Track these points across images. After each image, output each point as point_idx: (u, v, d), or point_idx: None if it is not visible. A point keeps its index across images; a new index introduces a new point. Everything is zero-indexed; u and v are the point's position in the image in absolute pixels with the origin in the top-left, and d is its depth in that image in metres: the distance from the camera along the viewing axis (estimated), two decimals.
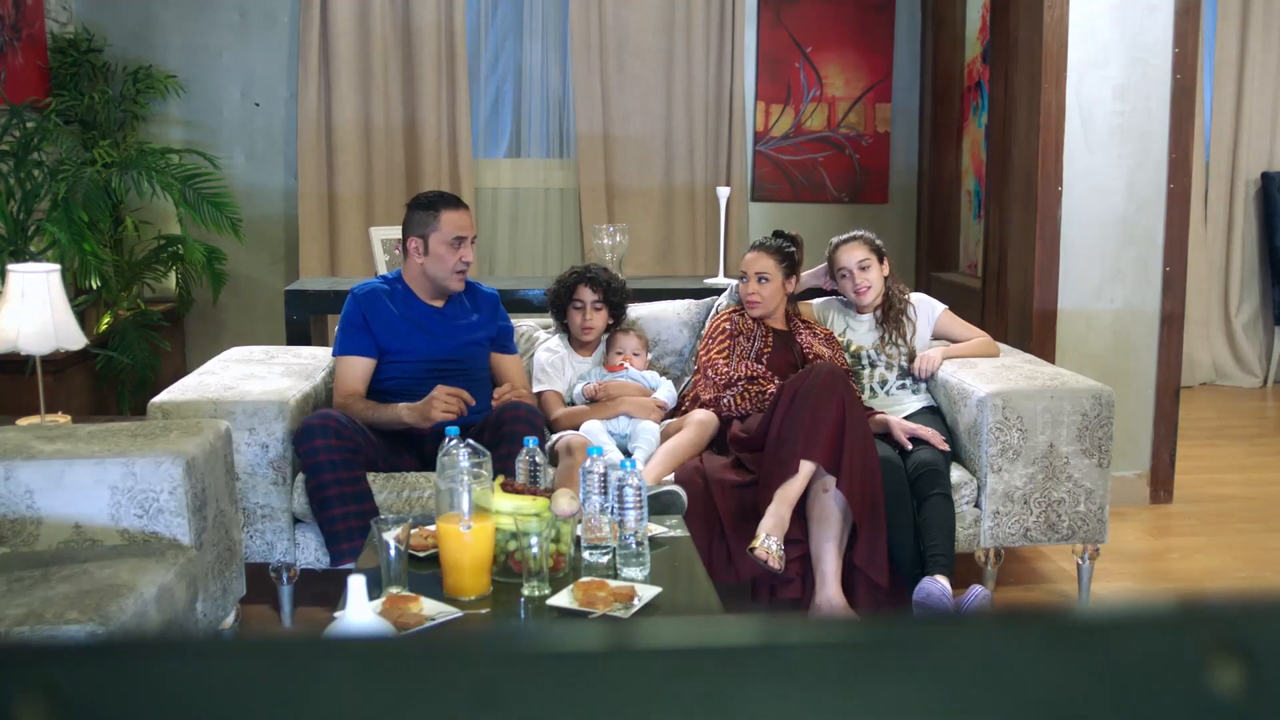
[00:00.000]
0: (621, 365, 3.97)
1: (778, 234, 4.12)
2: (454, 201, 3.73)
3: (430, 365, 3.67)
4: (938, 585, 3.36)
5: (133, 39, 6.15)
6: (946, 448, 3.68)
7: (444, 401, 3.46)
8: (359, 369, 3.66)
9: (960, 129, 6.34)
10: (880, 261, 4.08)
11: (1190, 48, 4.66)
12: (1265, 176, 7.09)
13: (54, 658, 0.54)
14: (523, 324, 4.25)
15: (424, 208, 3.70)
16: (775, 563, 3.32)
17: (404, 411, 3.52)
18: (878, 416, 3.75)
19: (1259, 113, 7.08)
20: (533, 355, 4.11)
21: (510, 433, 3.40)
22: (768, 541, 3.33)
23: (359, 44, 6.17)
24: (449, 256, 3.66)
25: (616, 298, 4.06)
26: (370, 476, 3.48)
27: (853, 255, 4.07)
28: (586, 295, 4.01)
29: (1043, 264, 4.68)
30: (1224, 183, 7.11)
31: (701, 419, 3.76)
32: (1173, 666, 0.56)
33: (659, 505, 3.42)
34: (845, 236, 4.14)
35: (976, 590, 3.48)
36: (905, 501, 3.54)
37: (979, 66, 5.96)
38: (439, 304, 3.76)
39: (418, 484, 3.53)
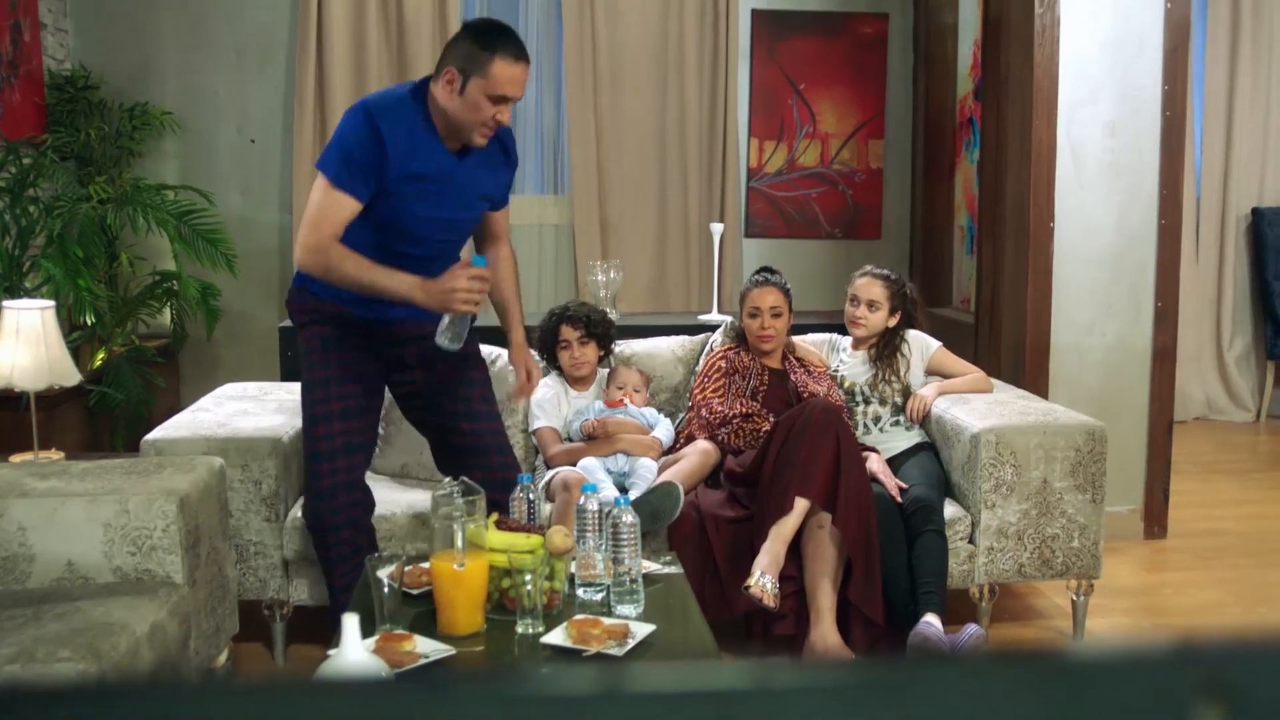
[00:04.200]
0: (621, 401, 3.98)
1: (768, 269, 4.14)
2: (517, 49, 3.00)
3: (427, 220, 3.13)
4: (932, 628, 3.36)
5: (129, 76, 6.18)
6: (899, 499, 3.65)
7: (467, 290, 2.98)
8: (347, 212, 3.01)
9: (952, 165, 6.38)
10: (892, 313, 4.08)
11: (1179, 85, 4.70)
12: (1255, 212, 7.13)
13: (49, 701, 0.54)
14: None
15: (480, 44, 2.97)
16: (770, 600, 3.32)
17: (416, 292, 2.99)
18: (870, 465, 3.72)
19: (1249, 149, 7.13)
20: None
21: (503, 479, 3.26)
22: (763, 579, 3.33)
23: (354, 81, 6.20)
24: (484, 110, 2.99)
25: (599, 329, 4.08)
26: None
27: (867, 291, 4.08)
28: (570, 333, 4.05)
29: (1035, 299, 4.70)
30: (1215, 218, 7.15)
31: (704, 448, 3.78)
32: (1161, 707, 0.57)
33: (650, 508, 3.41)
34: (879, 270, 4.15)
35: (971, 629, 3.48)
36: (899, 538, 3.54)
37: (971, 103, 6.00)
38: (453, 146, 3.12)
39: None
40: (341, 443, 3.20)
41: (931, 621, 3.38)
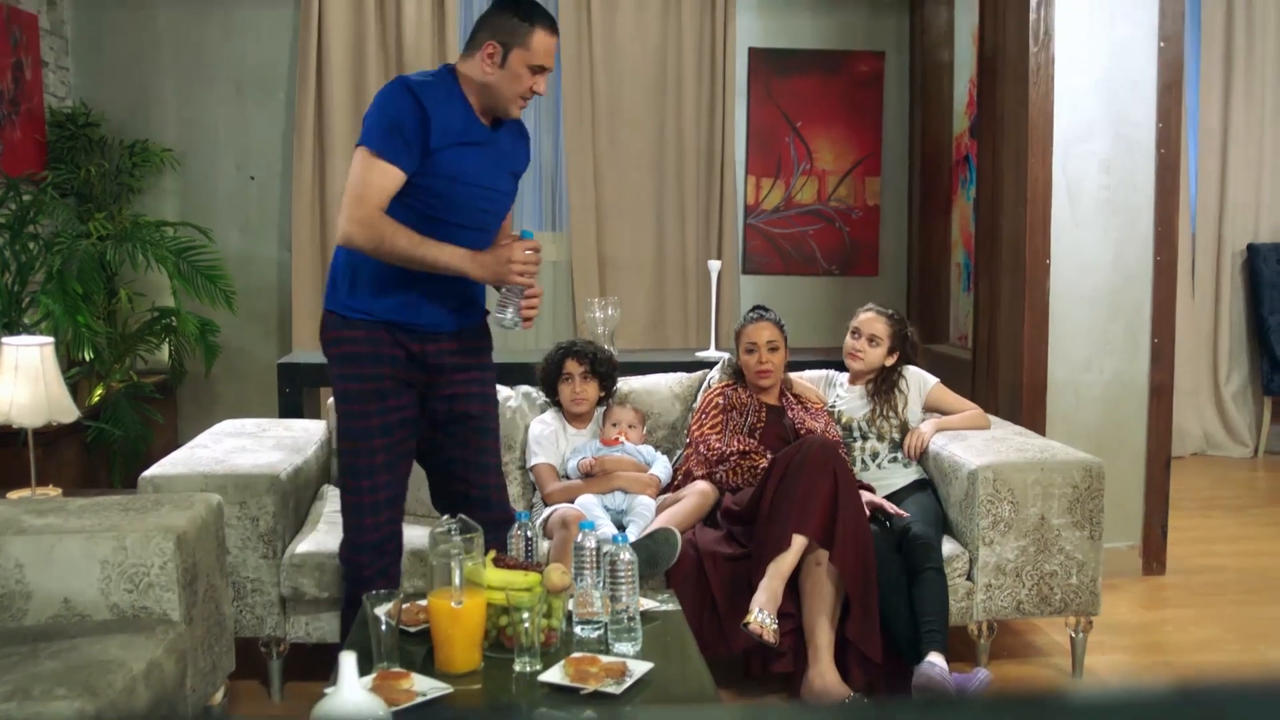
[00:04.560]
0: (617, 439, 3.99)
1: (761, 307, 4.18)
2: (552, 21, 3.10)
3: (471, 189, 3.10)
4: (936, 669, 3.35)
5: (130, 113, 6.21)
6: (903, 514, 3.67)
7: (523, 261, 3.01)
8: (393, 183, 2.96)
9: (949, 202, 6.41)
10: (890, 352, 4.10)
11: (1174, 122, 4.73)
12: (1251, 248, 7.15)
13: None
14: (519, 389, 4.27)
15: (521, 16, 3.04)
16: (770, 636, 3.31)
17: (468, 264, 2.99)
18: (866, 498, 3.72)
19: (1243, 185, 7.16)
20: (528, 426, 4.12)
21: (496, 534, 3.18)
22: (761, 615, 3.32)
23: (354, 118, 6.23)
24: (524, 80, 3.05)
25: (604, 368, 4.10)
26: None
27: (870, 326, 4.10)
28: (574, 367, 4.05)
29: (1032, 336, 4.71)
30: (1210, 254, 7.18)
31: (702, 489, 3.78)
32: None
33: (648, 553, 3.41)
34: (884, 309, 4.17)
35: (981, 674, 3.47)
36: (899, 575, 3.53)
37: (967, 140, 6.04)
38: (485, 121, 3.14)
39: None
40: (385, 496, 3.13)
41: (935, 661, 3.37)
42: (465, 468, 3.26)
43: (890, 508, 3.68)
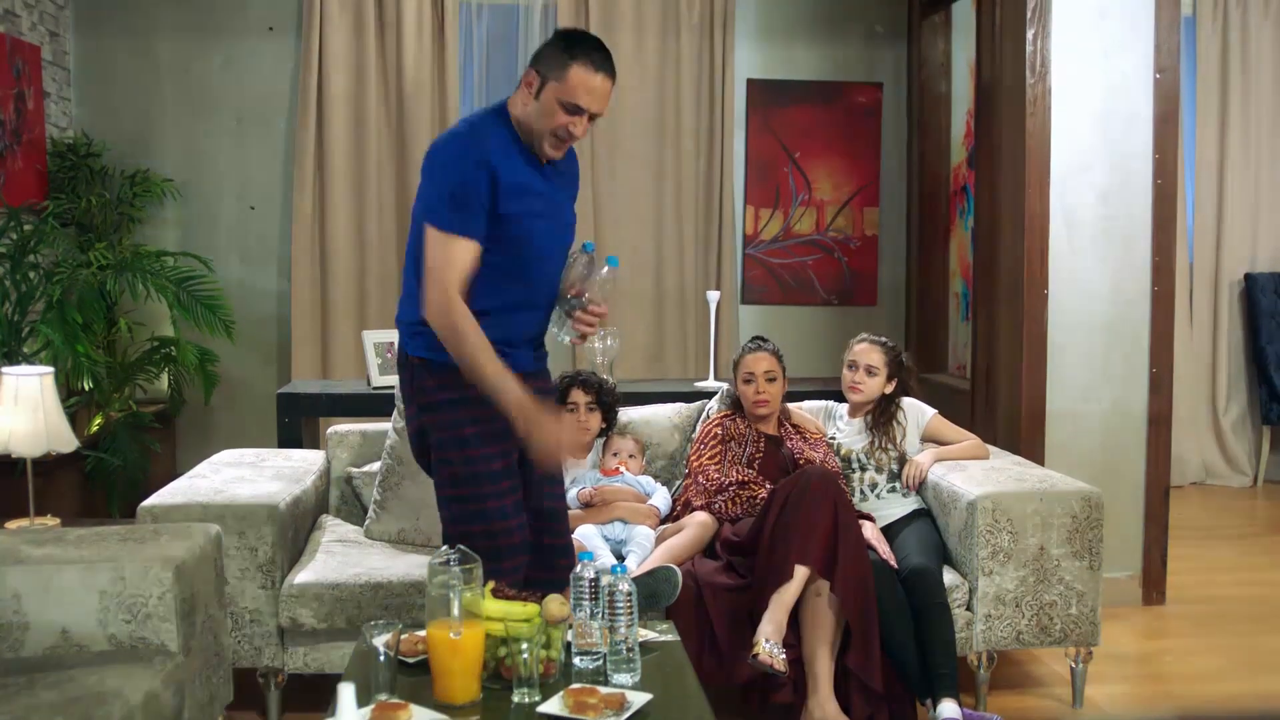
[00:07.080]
0: (617, 469, 3.99)
1: (759, 337, 4.18)
2: (600, 60, 2.91)
3: (547, 235, 3.06)
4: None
5: (131, 143, 6.24)
6: (894, 563, 3.65)
7: (559, 438, 2.89)
8: (471, 257, 2.85)
9: (947, 232, 6.42)
10: (889, 379, 4.10)
11: (1170, 153, 4.75)
12: (1248, 277, 7.17)
13: None
14: None
15: (563, 48, 2.91)
16: (780, 665, 3.31)
17: (513, 407, 2.84)
18: (864, 533, 3.70)
19: (1240, 215, 7.19)
20: None
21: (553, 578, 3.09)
22: (769, 646, 3.32)
23: (354, 149, 6.26)
24: (557, 117, 2.91)
25: (608, 399, 4.11)
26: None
27: (866, 356, 4.10)
28: (580, 397, 4.05)
29: (1030, 366, 4.72)
30: (1208, 284, 7.20)
31: (702, 520, 3.77)
32: None
33: (648, 590, 3.40)
34: (877, 338, 4.17)
35: None
36: (903, 608, 3.52)
37: (964, 170, 6.06)
38: (540, 159, 3.03)
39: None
40: (520, 539, 3.01)
41: (949, 711, 3.37)
42: (538, 516, 3.11)
43: (883, 551, 3.66)
